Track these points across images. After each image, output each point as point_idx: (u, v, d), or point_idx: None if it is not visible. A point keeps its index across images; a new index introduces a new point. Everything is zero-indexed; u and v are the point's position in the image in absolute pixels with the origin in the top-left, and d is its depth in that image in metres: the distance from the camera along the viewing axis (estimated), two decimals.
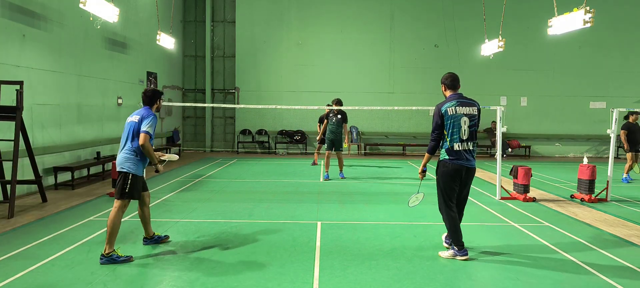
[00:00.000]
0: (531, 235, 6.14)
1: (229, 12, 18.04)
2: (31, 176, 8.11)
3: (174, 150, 16.24)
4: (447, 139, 4.97)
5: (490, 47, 12.52)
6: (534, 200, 8.42)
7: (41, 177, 8.07)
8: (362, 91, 17.50)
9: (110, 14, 8.72)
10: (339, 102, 10.86)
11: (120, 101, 12.65)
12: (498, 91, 17.77)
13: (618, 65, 17.77)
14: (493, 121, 16.80)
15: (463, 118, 4.94)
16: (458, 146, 4.95)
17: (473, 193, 9.15)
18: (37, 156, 8.45)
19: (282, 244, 5.58)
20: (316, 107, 11.14)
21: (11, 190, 7.01)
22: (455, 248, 5.10)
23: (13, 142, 7.28)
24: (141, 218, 5.44)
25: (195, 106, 18.40)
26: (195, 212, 7.27)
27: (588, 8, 7.37)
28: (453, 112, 4.94)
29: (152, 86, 14.94)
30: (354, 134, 17.29)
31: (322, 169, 11.19)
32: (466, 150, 4.98)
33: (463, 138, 4.95)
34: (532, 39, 17.33)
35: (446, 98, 5.15)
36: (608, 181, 8.58)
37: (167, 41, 13.19)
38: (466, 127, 4.94)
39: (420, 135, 17.52)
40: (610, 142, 8.78)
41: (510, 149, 17.20)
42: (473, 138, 5.02)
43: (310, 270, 4.73)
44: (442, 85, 5.24)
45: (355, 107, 10.70)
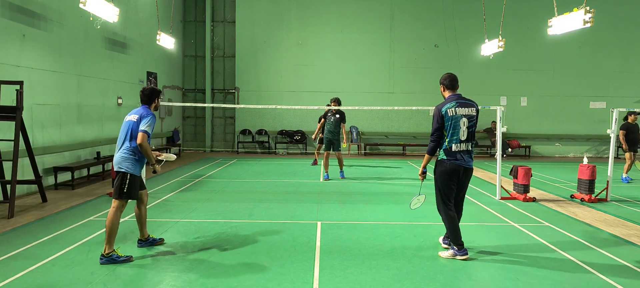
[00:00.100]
0: (531, 235, 6.14)
1: (229, 12, 18.04)
2: (31, 176, 8.11)
3: (174, 150, 16.23)
4: (446, 139, 4.99)
5: (490, 47, 12.52)
6: (534, 200, 8.42)
7: (41, 177, 8.07)
8: (362, 91, 17.51)
9: (110, 14, 8.72)
10: (338, 102, 10.86)
11: (120, 101, 12.65)
12: (498, 91, 17.78)
13: (618, 65, 17.77)
14: (493, 121, 16.80)
15: (462, 119, 4.96)
16: (456, 146, 4.96)
17: (473, 193, 9.15)
18: (37, 156, 8.46)
19: (282, 244, 5.58)
20: (316, 107, 11.14)
21: (11, 190, 7.02)
22: (454, 248, 5.10)
23: (13, 142, 7.28)
24: (137, 218, 5.38)
25: (195, 106, 18.40)
26: (195, 212, 7.27)
27: (588, 8, 7.37)
28: (453, 113, 4.95)
29: (151, 86, 14.91)
30: (354, 134, 17.28)
31: (322, 169, 11.19)
32: (464, 150, 4.99)
33: (462, 138, 4.96)
34: (532, 39, 17.33)
35: (445, 99, 5.15)
36: (608, 181, 8.58)
37: (167, 41, 13.19)
38: (465, 128, 4.96)
39: (420, 135, 17.52)
40: (610, 142, 8.78)
41: (510, 149, 17.20)
42: (471, 139, 5.04)
43: (310, 270, 4.73)
44: (441, 85, 5.24)
45: (355, 107, 10.69)
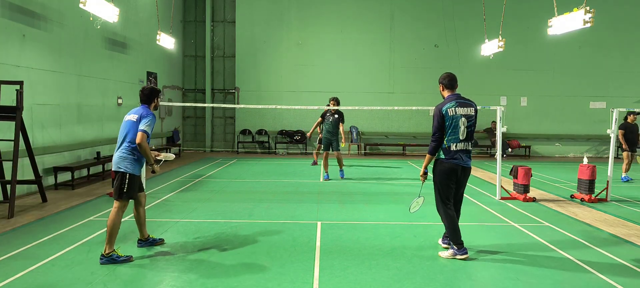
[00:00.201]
0: (531, 235, 6.14)
1: (229, 12, 18.04)
2: (31, 176, 8.11)
3: (174, 150, 16.23)
4: (445, 139, 5.02)
5: (490, 47, 12.52)
6: (534, 200, 8.42)
7: (41, 177, 8.07)
8: (362, 91, 17.51)
9: (110, 14, 8.72)
10: (337, 102, 10.85)
11: (120, 101, 12.65)
12: (498, 91, 17.77)
13: (618, 65, 17.77)
14: (493, 121, 16.80)
15: (462, 119, 4.98)
16: (455, 146, 4.99)
17: (473, 193, 9.16)
18: (37, 156, 8.45)
19: (282, 244, 5.58)
20: (316, 107, 11.14)
21: (11, 190, 7.02)
22: (454, 247, 5.10)
23: (13, 142, 7.28)
24: (136, 219, 5.37)
25: (195, 106, 18.40)
26: (195, 212, 7.27)
27: (588, 8, 7.37)
28: (453, 113, 4.97)
29: (151, 85, 14.91)
30: (354, 134, 17.27)
31: (322, 169, 11.18)
32: (463, 150, 5.02)
33: (461, 138, 4.99)
34: (532, 39, 17.33)
35: (444, 98, 5.17)
36: (608, 181, 8.58)
37: (167, 41, 13.19)
38: (464, 128, 4.98)
39: (420, 135, 17.52)
40: (610, 142, 8.78)
41: (510, 149, 17.20)
42: (470, 138, 5.07)
43: (310, 270, 4.73)
44: (440, 84, 5.26)
45: (355, 107, 10.69)
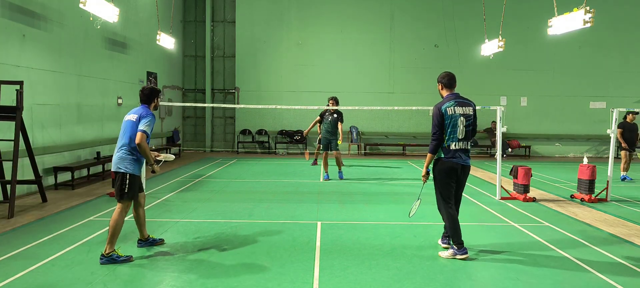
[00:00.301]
0: (531, 235, 6.14)
1: (229, 12, 18.04)
2: (31, 176, 8.11)
3: (174, 150, 16.23)
4: (445, 138, 5.04)
5: (490, 47, 12.52)
6: (534, 200, 8.42)
7: (41, 177, 8.07)
8: (362, 91, 17.50)
9: (110, 14, 8.72)
10: (336, 101, 10.84)
11: (120, 101, 12.65)
12: (498, 91, 17.77)
13: (618, 65, 17.78)
14: (493, 121, 16.80)
15: (460, 118, 5.01)
16: (455, 145, 5.01)
17: (473, 193, 9.16)
18: (37, 156, 8.45)
19: (282, 244, 5.58)
20: (316, 107, 11.13)
21: (11, 190, 7.01)
22: (454, 247, 5.11)
23: (13, 142, 7.28)
24: (136, 219, 5.36)
25: (195, 106, 18.40)
26: (195, 212, 7.27)
27: (588, 8, 7.37)
28: (452, 112, 5.00)
29: (151, 85, 14.91)
30: (354, 134, 17.28)
31: (322, 169, 11.18)
32: (462, 149, 5.05)
33: (460, 137, 5.01)
34: (532, 39, 17.33)
35: (443, 97, 5.20)
36: (608, 181, 8.58)
37: (167, 41, 13.19)
38: (463, 127, 5.01)
39: (420, 135, 17.52)
40: (610, 142, 8.79)
41: (510, 149, 17.21)
42: (469, 137, 5.10)
43: (310, 270, 4.73)
44: (439, 83, 5.28)
45: (355, 107, 10.69)
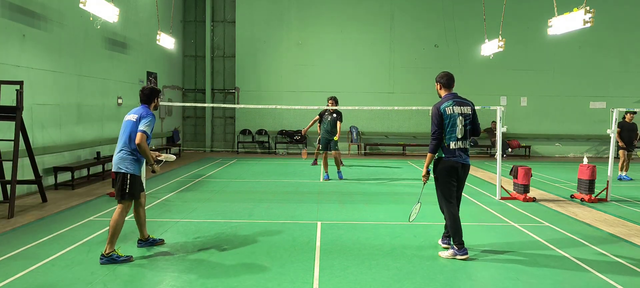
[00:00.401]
0: (531, 235, 6.14)
1: (229, 12, 18.04)
2: (31, 176, 8.11)
3: (174, 150, 16.23)
4: (445, 138, 5.07)
5: (490, 47, 12.52)
6: (534, 200, 8.42)
7: (41, 177, 8.07)
8: (362, 91, 17.50)
9: (110, 14, 8.72)
10: (336, 101, 10.84)
11: (120, 101, 12.65)
12: (498, 91, 17.77)
13: (618, 65, 17.77)
14: (493, 121, 16.79)
15: (459, 117, 5.05)
16: (454, 144, 5.05)
17: (473, 193, 9.16)
18: (37, 156, 8.45)
19: (282, 244, 5.58)
20: (316, 107, 11.13)
21: (11, 190, 7.01)
22: (454, 247, 5.11)
23: (13, 142, 7.28)
24: (136, 219, 5.36)
25: (195, 106, 18.39)
26: (195, 212, 7.27)
27: (588, 8, 7.37)
28: (451, 112, 5.04)
29: (151, 85, 14.92)
30: (354, 134, 17.27)
31: (322, 169, 11.18)
32: (462, 148, 5.09)
33: (459, 136, 5.05)
34: (532, 39, 17.33)
35: (442, 97, 5.23)
36: (608, 181, 8.58)
37: (167, 41, 13.19)
38: (462, 126, 5.05)
39: (420, 135, 17.52)
40: (610, 142, 8.79)
41: (510, 149, 17.20)
42: (468, 136, 5.14)
43: (310, 270, 4.73)
44: (437, 83, 5.31)
45: (355, 107, 10.69)
